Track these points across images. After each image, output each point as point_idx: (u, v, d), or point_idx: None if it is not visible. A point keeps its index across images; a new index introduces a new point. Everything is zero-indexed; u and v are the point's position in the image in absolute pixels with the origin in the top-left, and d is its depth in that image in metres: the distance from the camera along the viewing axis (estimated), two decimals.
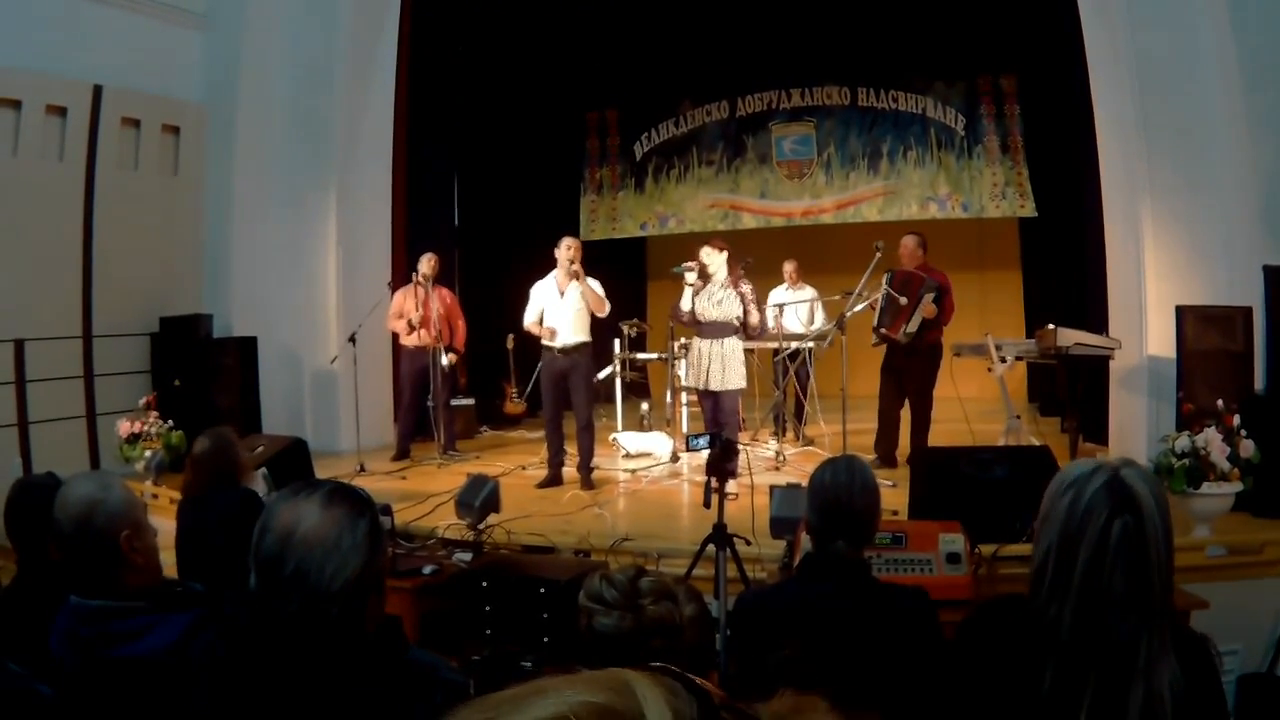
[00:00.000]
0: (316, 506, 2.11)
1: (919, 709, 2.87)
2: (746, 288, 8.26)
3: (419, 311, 9.84)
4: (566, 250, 8.55)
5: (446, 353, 10.01)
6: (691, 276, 8.34)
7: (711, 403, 8.37)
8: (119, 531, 2.73)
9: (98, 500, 2.74)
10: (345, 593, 2.07)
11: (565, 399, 8.72)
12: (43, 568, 3.23)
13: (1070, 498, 2.22)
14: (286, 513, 2.11)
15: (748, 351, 8.87)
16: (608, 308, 8.67)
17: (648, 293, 16.52)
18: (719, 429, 7.92)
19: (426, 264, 10.03)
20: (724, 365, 8.14)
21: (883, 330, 8.90)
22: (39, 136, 9.20)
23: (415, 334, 9.96)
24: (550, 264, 8.71)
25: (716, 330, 8.24)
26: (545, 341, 8.59)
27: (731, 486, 7.73)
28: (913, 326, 8.67)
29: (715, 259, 8.29)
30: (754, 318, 8.31)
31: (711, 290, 8.26)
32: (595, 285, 8.58)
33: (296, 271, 10.94)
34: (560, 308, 8.54)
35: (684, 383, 9.40)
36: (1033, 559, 2.31)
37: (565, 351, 8.54)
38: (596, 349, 9.04)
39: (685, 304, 8.37)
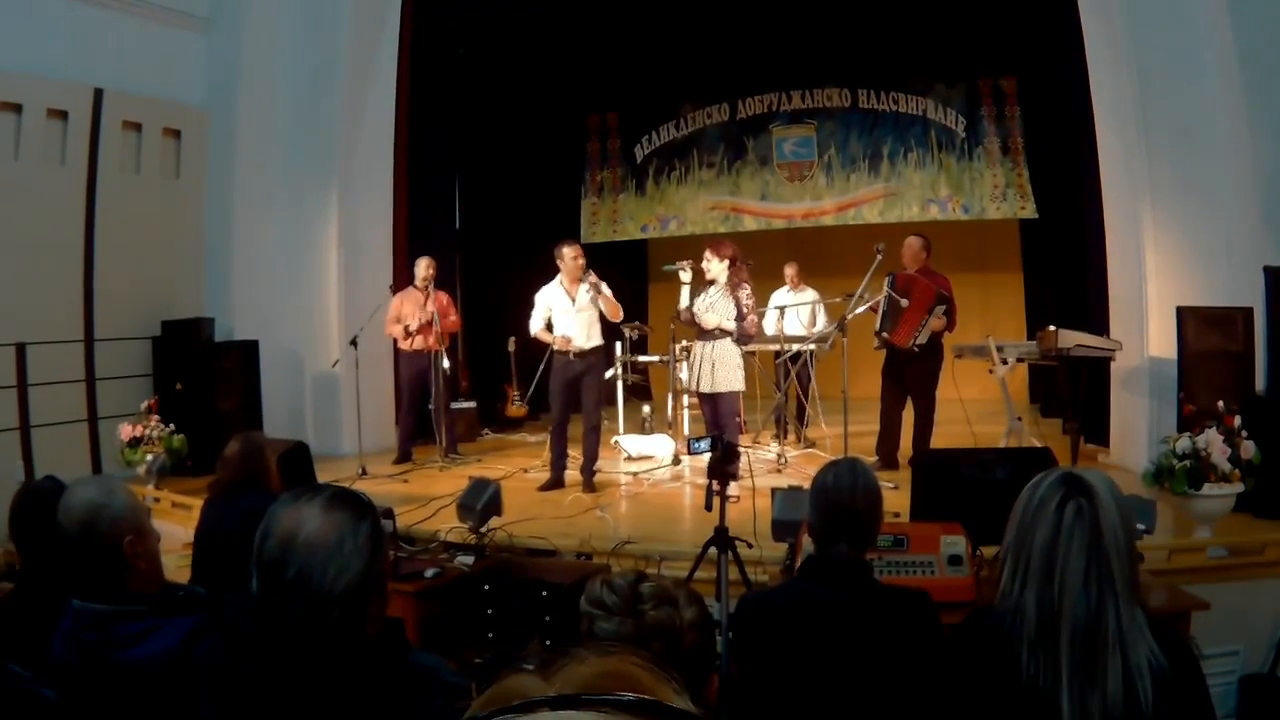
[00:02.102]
0: (318, 511, 2.13)
1: (921, 711, 2.88)
2: (744, 292, 8.20)
3: (418, 317, 9.84)
4: (574, 258, 8.55)
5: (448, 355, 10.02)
6: (685, 275, 8.31)
7: (710, 405, 8.34)
8: (122, 537, 2.74)
9: (101, 505, 2.75)
10: (347, 595, 2.08)
11: (574, 403, 8.71)
12: (46, 572, 3.24)
13: (1028, 495, 2.39)
14: (288, 517, 2.12)
15: (749, 354, 8.85)
16: (621, 312, 8.68)
17: (649, 295, 16.50)
18: (719, 431, 7.91)
19: (424, 268, 10.06)
20: (714, 367, 8.09)
21: (884, 335, 8.89)
22: (40, 140, 9.20)
23: (411, 340, 9.97)
24: (552, 268, 8.70)
25: (708, 332, 8.22)
26: (560, 348, 8.57)
27: (733, 489, 7.74)
28: (923, 338, 8.67)
29: (714, 266, 8.23)
30: (733, 325, 8.18)
31: (708, 293, 8.23)
32: (606, 290, 8.59)
33: (298, 275, 10.95)
34: (572, 314, 8.54)
35: (684, 385, 9.34)
36: (998, 557, 2.46)
37: (581, 356, 8.55)
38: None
39: (684, 303, 8.36)
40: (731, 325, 8.11)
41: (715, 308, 8.14)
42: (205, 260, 10.85)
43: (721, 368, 8.10)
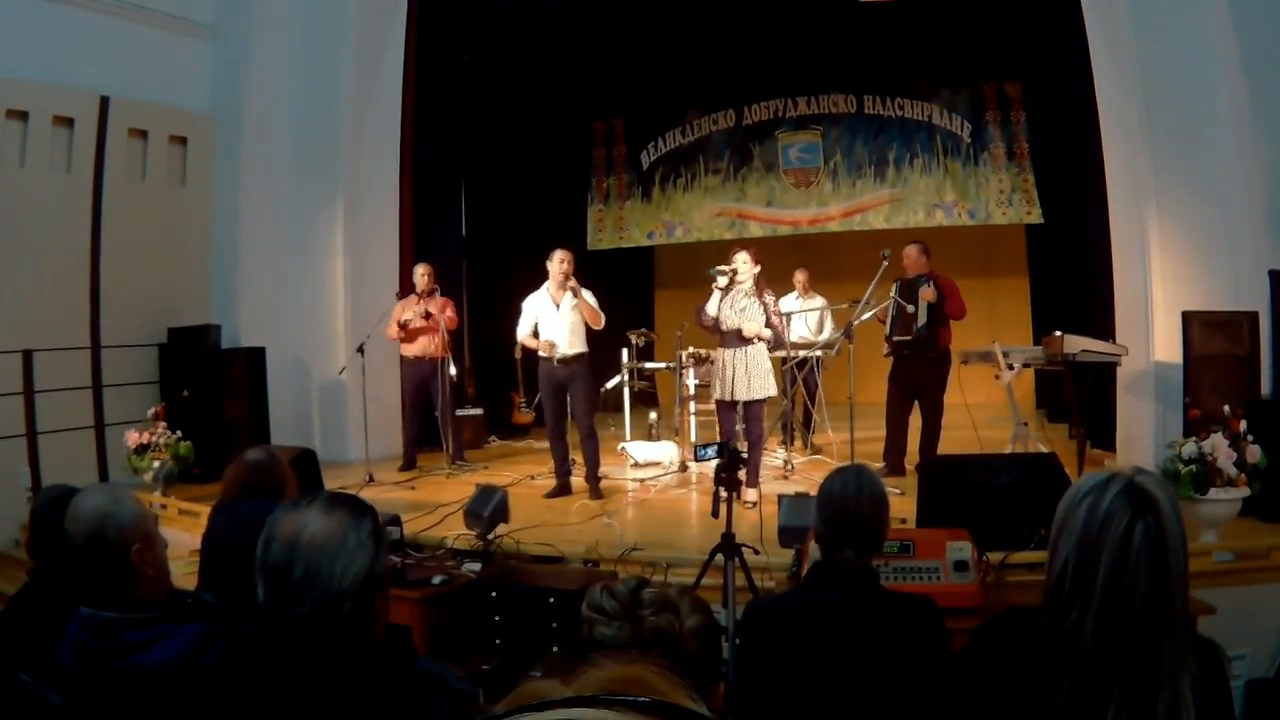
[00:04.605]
0: (319, 512, 2.18)
1: (926, 716, 2.88)
2: (770, 298, 8.05)
3: (413, 312, 9.95)
4: (560, 263, 8.53)
5: (455, 362, 10.02)
6: (723, 280, 8.14)
7: (730, 414, 8.19)
8: (130, 544, 2.75)
9: (109, 513, 2.76)
10: (355, 589, 2.12)
11: (565, 409, 8.72)
12: (56, 579, 3.25)
13: (1088, 505, 2.22)
14: (290, 521, 2.16)
15: None
16: (603, 320, 8.62)
17: (655, 302, 16.54)
18: (751, 439, 7.89)
19: (418, 275, 10.17)
20: (749, 374, 7.91)
21: (894, 339, 8.89)
22: (46, 147, 9.24)
23: (404, 335, 10.06)
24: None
25: (738, 338, 8.00)
26: (543, 354, 8.57)
27: (752, 495, 7.74)
28: (922, 318, 8.66)
29: (747, 268, 8.04)
30: (769, 333, 8.00)
31: (735, 298, 8.04)
32: (589, 297, 8.57)
33: (304, 282, 10.98)
34: (555, 320, 8.53)
35: (715, 395, 9.11)
36: (1049, 571, 2.30)
37: (563, 362, 8.52)
38: (599, 358, 9.02)
39: (711, 309, 8.06)
40: (769, 333, 7.98)
41: (748, 314, 7.96)
42: (211, 267, 10.88)
43: (756, 374, 7.94)
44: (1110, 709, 2.11)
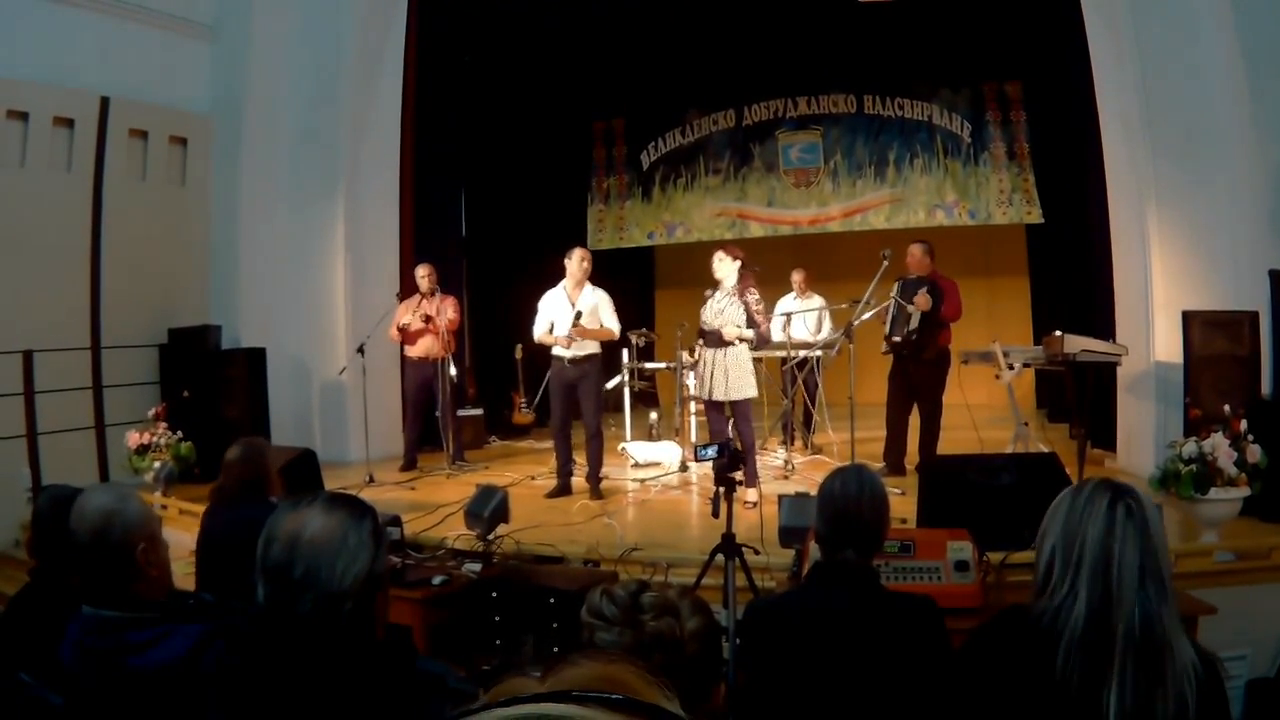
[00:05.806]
0: (319, 512, 2.18)
1: (926, 716, 2.88)
2: (752, 297, 7.97)
3: (415, 315, 9.93)
4: (580, 262, 8.53)
5: (455, 361, 10.02)
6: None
7: (718, 412, 8.22)
8: (135, 544, 2.75)
9: (115, 512, 2.76)
10: (356, 589, 2.13)
11: (574, 408, 8.68)
12: (59, 579, 3.26)
13: (1067, 502, 2.38)
14: (290, 521, 2.16)
15: (756, 360, 8.77)
16: (617, 331, 8.70)
17: (655, 302, 16.52)
18: (744, 440, 7.86)
19: (419, 276, 10.16)
20: (727, 374, 7.89)
21: (893, 339, 8.88)
22: (47, 148, 9.24)
23: (404, 338, 10.08)
24: (558, 276, 8.70)
25: (718, 339, 7.97)
26: (556, 351, 8.55)
27: (752, 495, 7.73)
28: (914, 323, 8.65)
29: (725, 266, 8.03)
30: (750, 333, 7.94)
31: (717, 298, 8.05)
32: (608, 314, 8.60)
33: (304, 282, 10.96)
34: (570, 318, 8.47)
35: (692, 393, 9.18)
36: (1035, 569, 2.43)
37: (575, 362, 8.48)
38: (604, 358, 9.01)
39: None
40: (750, 334, 7.91)
41: (726, 315, 7.91)
42: (211, 268, 10.88)
43: (735, 375, 7.89)
44: (1114, 676, 2.19)
